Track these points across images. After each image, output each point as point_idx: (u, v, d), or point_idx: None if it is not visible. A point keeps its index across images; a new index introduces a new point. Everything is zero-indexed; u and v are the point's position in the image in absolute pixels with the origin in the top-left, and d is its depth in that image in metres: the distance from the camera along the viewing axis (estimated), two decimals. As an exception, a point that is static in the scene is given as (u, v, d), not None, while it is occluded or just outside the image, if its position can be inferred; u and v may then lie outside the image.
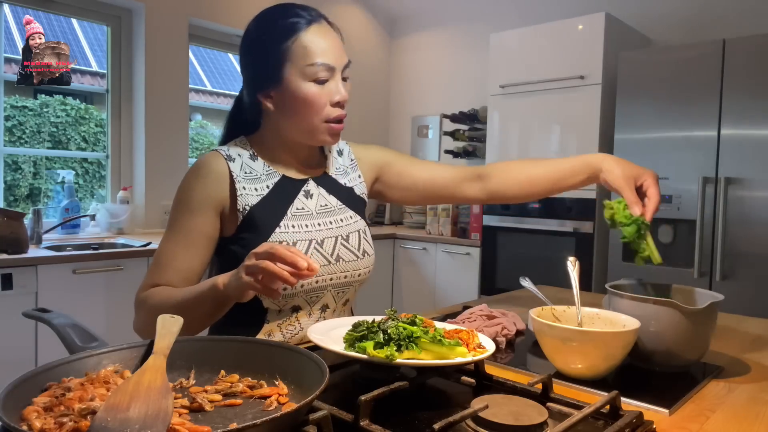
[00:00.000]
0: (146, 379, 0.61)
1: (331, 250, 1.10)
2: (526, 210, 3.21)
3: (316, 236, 1.09)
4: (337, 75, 1.05)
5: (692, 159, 2.52)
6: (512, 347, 1.08)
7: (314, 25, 1.04)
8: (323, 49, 1.03)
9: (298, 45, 1.02)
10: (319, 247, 1.08)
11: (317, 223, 1.11)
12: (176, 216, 1.05)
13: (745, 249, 2.40)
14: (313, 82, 1.03)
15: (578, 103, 2.97)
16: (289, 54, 1.02)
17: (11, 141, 3.98)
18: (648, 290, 1.07)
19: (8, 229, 2.31)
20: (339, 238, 1.12)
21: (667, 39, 3.23)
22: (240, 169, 1.08)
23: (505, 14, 3.93)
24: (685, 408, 0.80)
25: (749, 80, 2.38)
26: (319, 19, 1.06)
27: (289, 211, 1.09)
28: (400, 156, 1.31)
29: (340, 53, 1.06)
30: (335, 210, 1.15)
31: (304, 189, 1.13)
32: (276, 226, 1.06)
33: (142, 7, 3.22)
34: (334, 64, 1.04)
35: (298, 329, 1.09)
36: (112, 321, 2.48)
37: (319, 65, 1.02)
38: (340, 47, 1.07)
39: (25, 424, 0.54)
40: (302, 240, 1.07)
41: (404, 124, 4.60)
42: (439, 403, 0.78)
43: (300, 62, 1.02)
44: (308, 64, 1.02)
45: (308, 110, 1.05)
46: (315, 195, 1.14)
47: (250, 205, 1.06)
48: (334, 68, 1.04)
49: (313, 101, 1.03)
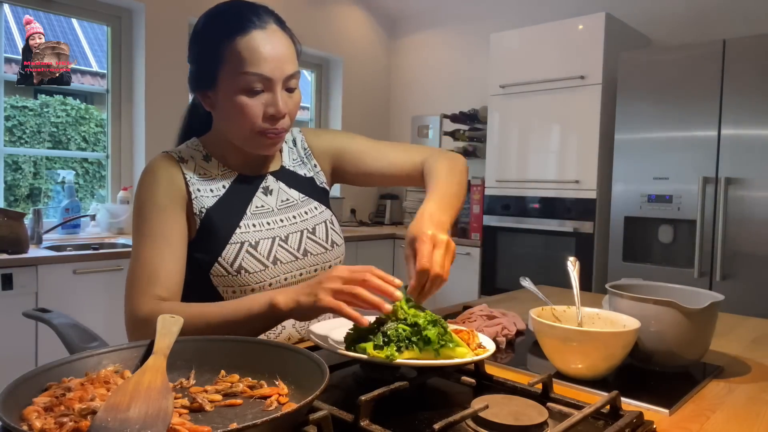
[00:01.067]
0: (146, 379, 0.61)
1: (297, 245, 1.07)
2: (526, 210, 3.21)
3: (279, 233, 1.06)
4: (276, 86, 0.97)
5: (692, 159, 2.52)
6: (512, 347, 1.08)
7: (257, 30, 0.96)
8: (261, 58, 0.95)
9: (234, 49, 0.95)
10: (283, 244, 1.06)
11: (279, 219, 1.08)
12: (146, 220, 0.98)
13: (745, 249, 2.40)
14: (244, 92, 0.96)
15: (578, 103, 2.97)
16: (225, 57, 0.96)
17: (11, 141, 3.98)
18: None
19: (8, 229, 2.31)
20: (305, 231, 1.09)
21: (667, 39, 3.23)
22: (193, 172, 1.04)
23: (505, 14, 3.93)
24: (685, 408, 0.80)
25: (749, 80, 2.38)
26: (266, 24, 0.97)
27: (248, 210, 1.06)
28: (353, 141, 1.23)
29: (281, 64, 0.97)
30: (297, 203, 1.12)
31: (262, 186, 1.10)
32: (236, 227, 1.02)
33: (142, 7, 3.23)
34: (270, 75, 0.96)
35: (281, 329, 1.07)
36: (112, 321, 2.48)
37: (252, 75, 0.95)
38: (284, 57, 0.98)
39: (25, 424, 0.54)
40: (265, 239, 1.04)
41: (404, 124, 4.60)
42: (439, 403, 0.78)
43: (234, 68, 0.95)
44: (241, 72, 0.95)
45: (239, 120, 0.98)
46: (275, 190, 1.11)
47: (206, 208, 1.02)
48: (270, 80, 0.96)
49: (243, 112, 0.97)
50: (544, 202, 3.12)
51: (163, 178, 1.01)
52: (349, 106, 4.43)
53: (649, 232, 2.71)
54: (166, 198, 0.99)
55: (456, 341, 0.80)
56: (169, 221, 0.98)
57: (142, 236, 0.97)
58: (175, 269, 0.96)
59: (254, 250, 1.02)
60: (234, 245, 1.01)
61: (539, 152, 3.17)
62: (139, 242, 0.97)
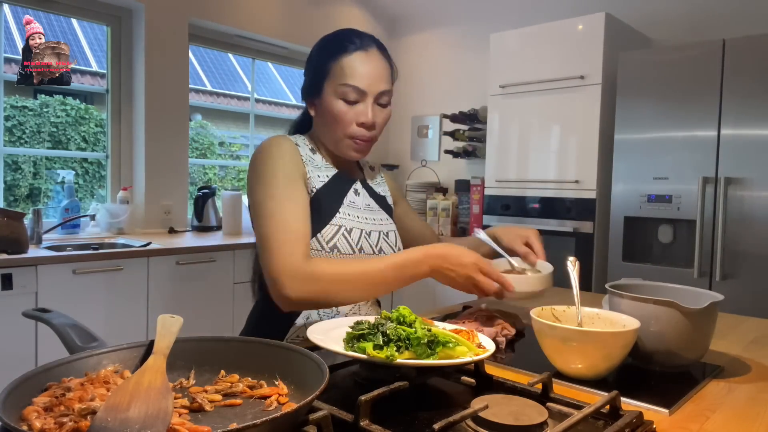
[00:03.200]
0: (146, 379, 0.61)
1: (376, 242, 1.20)
2: (526, 210, 3.21)
3: (365, 227, 1.19)
4: (368, 99, 1.14)
5: (692, 159, 2.52)
6: (512, 347, 1.09)
7: (360, 51, 1.14)
8: (359, 74, 1.13)
9: (338, 66, 1.14)
10: (367, 237, 1.19)
11: (365, 216, 1.22)
12: (279, 186, 1.09)
13: (745, 249, 2.40)
14: (342, 101, 1.14)
15: (578, 103, 2.97)
16: (330, 72, 1.14)
17: (11, 141, 3.97)
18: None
19: (8, 229, 2.31)
20: (381, 233, 1.23)
21: (667, 39, 3.23)
22: (306, 154, 1.19)
23: (505, 14, 3.93)
24: (685, 408, 0.80)
25: (749, 80, 2.38)
26: (368, 47, 1.16)
27: (345, 200, 1.20)
28: (406, 203, 1.46)
29: (376, 81, 1.15)
30: (375, 210, 1.27)
31: (354, 186, 1.25)
32: (336, 212, 1.16)
33: (142, 7, 3.22)
34: (364, 88, 1.13)
35: (335, 311, 1.16)
36: (112, 321, 2.48)
37: (349, 87, 1.13)
38: (379, 76, 1.15)
39: (25, 424, 0.54)
40: (356, 228, 1.17)
41: (404, 124, 4.60)
42: (439, 403, 0.78)
43: (336, 81, 1.14)
44: (341, 84, 1.13)
45: (335, 124, 1.15)
46: (362, 193, 1.26)
47: (316, 188, 1.16)
48: (365, 92, 1.14)
49: (338, 117, 1.14)
50: (544, 202, 3.12)
51: (288, 152, 1.15)
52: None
53: (649, 232, 2.71)
54: (294, 169, 1.13)
55: (457, 340, 0.80)
56: (299, 188, 1.11)
57: (277, 200, 1.07)
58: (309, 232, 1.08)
59: (348, 235, 1.15)
60: (333, 226, 1.14)
61: (539, 152, 3.17)
62: (277, 204, 1.07)
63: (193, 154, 5.59)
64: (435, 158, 4.35)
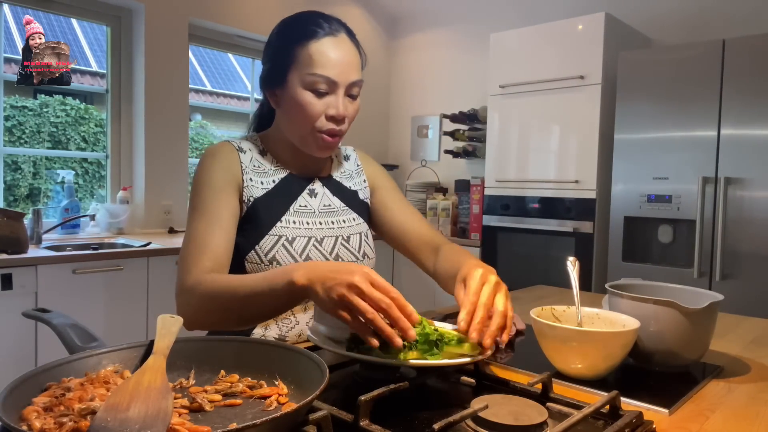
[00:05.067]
0: (146, 379, 0.61)
1: (330, 249, 1.12)
2: (526, 210, 3.21)
3: (316, 234, 1.11)
4: (339, 90, 1.04)
5: (692, 159, 2.52)
6: (512, 347, 1.08)
7: (329, 37, 1.04)
8: (329, 62, 1.03)
9: (306, 52, 1.03)
10: (318, 245, 1.10)
11: (318, 221, 1.13)
12: (202, 198, 1.04)
13: (745, 249, 2.40)
14: (310, 92, 1.04)
15: (578, 103, 2.97)
16: (297, 60, 1.04)
17: (11, 141, 3.97)
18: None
19: (8, 229, 2.31)
20: (339, 238, 1.14)
21: (667, 39, 3.23)
22: (249, 162, 1.11)
23: (505, 14, 3.93)
24: (685, 408, 0.80)
25: (749, 80, 2.38)
26: (337, 32, 1.06)
27: (292, 207, 1.11)
28: (392, 188, 1.28)
29: (347, 70, 1.05)
30: (338, 211, 1.17)
31: (309, 188, 1.16)
32: (277, 221, 1.08)
33: (142, 7, 3.22)
34: (336, 78, 1.03)
35: (294, 323, 1.10)
36: (112, 321, 2.48)
37: (319, 77, 1.03)
38: (350, 64, 1.05)
39: (25, 424, 0.54)
40: (301, 236, 1.09)
41: (404, 124, 4.60)
42: (439, 403, 0.78)
43: (303, 70, 1.03)
44: (309, 73, 1.03)
45: (301, 117, 1.05)
46: (319, 194, 1.16)
47: (254, 197, 1.08)
48: (336, 83, 1.04)
49: (306, 109, 1.04)
50: (544, 202, 3.12)
51: (222, 162, 1.08)
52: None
53: (649, 232, 2.71)
54: (223, 180, 1.06)
55: (462, 339, 0.80)
56: (222, 201, 1.04)
57: (196, 212, 1.04)
58: (224, 244, 1.02)
59: (289, 245, 1.07)
60: (272, 237, 1.06)
61: (539, 152, 3.17)
62: (193, 218, 1.04)
63: (193, 154, 5.59)
64: (435, 158, 4.35)
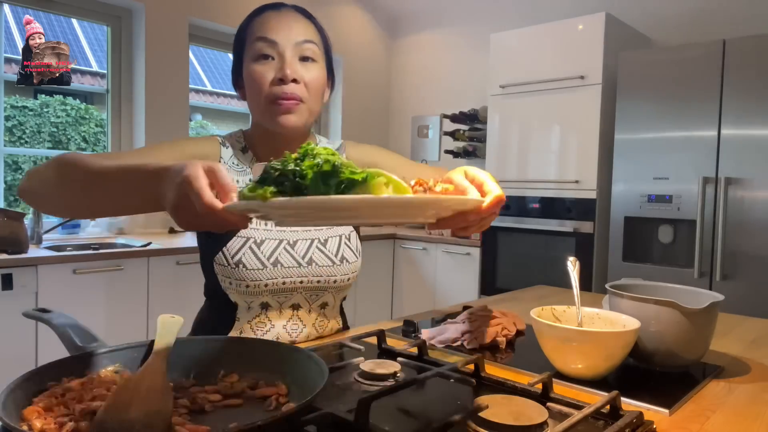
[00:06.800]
0: (146, 379, 0.61)
1: (304, 253, 1.07)
2: (526, 210, 3.21)
3: (288, 237, 1.06)
4: (286, 52, 0.99)
5: (692, 159, 2.52)
6: (512, 347, 1.08)
7: (272, 11, 1.02)
8: (267, 25, 1.00)
9: (250, 30, 1.02)
10: (290, 248, 1.06)
11: None
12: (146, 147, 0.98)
13: (745, 249, 2.40)
14: (255, 60, 1.00)
15: (578, 103, 2.97)
16: (246, 41, 1.02)
17: (11, 141, 3.98)
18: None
19: (8, 229, 2.31)
20: (315, 241, 1.09)
21: (667, 39, 3.23)
22: (229, 158, 1.08)
23: (505, 14, 3.93)
24: (685, 408, 0.80)
25: (749, 80, 2.38)
26: (281, 7, 1.03)
27: None
28: (390, 157, 1.23)
29: (289, 31, 1.00)
30: None
31: None
32: (248, 221, 0.99)
33: (142, 7, 3.22)
34: (274, 38, 0.99)
35: (270, 327, 1.07)
36: (112, 321, 2.48)
37: (259, 39, 0.99)
38: (294, 27, 1.01)
39: (25, 424, 0.54)
40: (271, 239, 1.04)
41: (404, 124, 4.60)
42: (439, 403, 0.78)
43: (248, 44, 1.01)
44: (251, 43, 1.00)
45: (253, 90, 1.01)
46: None
47: None
48: (275, 43, 0.99)
49: (254, 78, 0.99)
50: (544, 202, 3.12)
51: (199, 144, 1.05)
52: (349, 106, 4.43)
53: (649, 232, 2.71)
54: (190, 155, 1.00)
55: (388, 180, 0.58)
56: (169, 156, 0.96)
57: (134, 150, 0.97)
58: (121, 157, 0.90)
59: (257, 248, 1.02)
60: (239, 239, 1.02)
61: (539, 152, 3.17)
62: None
63: (193, 154, 5.58)
64: (435, 158, 4.35)
